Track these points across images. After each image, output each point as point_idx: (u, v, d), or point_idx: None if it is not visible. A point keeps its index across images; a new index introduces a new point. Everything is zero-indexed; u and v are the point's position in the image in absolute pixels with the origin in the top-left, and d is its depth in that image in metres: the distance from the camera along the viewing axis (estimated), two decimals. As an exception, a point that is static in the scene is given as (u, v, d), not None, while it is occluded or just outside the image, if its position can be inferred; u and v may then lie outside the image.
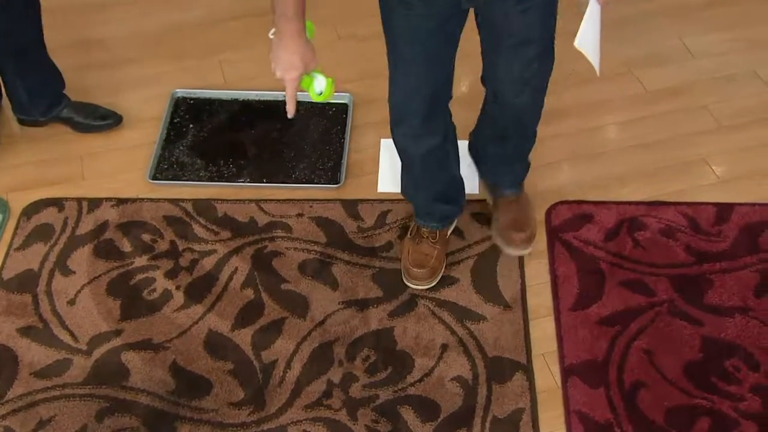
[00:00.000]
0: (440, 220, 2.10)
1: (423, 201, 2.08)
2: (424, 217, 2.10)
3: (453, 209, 2.12)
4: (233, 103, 2.49)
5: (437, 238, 2.09)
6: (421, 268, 2.06)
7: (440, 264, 2.09)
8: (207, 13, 2.79)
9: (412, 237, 2.11)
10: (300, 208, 2.22)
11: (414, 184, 2.06)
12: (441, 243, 2.10)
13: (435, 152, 1.93)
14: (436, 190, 2.04)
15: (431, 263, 2.06)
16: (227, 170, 2.32)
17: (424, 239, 2.09)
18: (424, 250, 2.07)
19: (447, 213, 2.10)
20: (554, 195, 2.25)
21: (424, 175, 2.00)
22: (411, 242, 2.10)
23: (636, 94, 2.53)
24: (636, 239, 2.14)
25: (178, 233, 2.16)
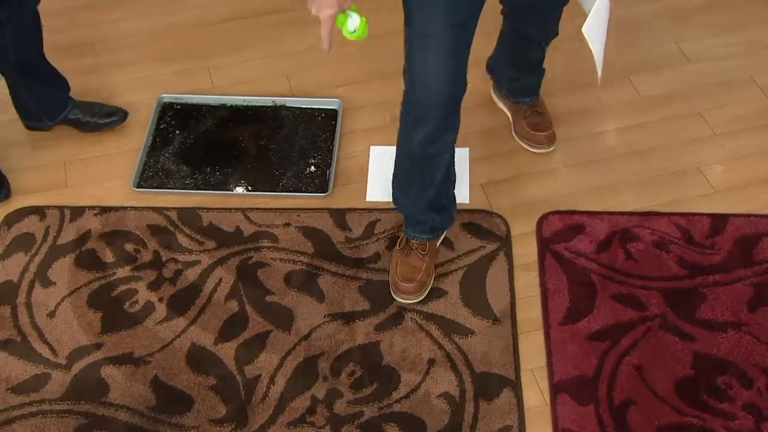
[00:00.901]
0: (430, 231, 2.05)
1: (414, 209, 2.03)
2: (414, 227, 2.05)
3: (444, 219, 2.07)
4: (221, 108, 2.45)
5: (426, 251, 2.05)
6: (409, 282, 2.02)
7: (429, 277, 2.05)
8: (197, 16, 2.74)
9: (401, 248, 2.08)
10: (287, 218, 2.18)
11: (408, 186, 1.99)
12: (430, 255, 2.06)
13: (443, 152, 1.90)
14: (429, 198, 1.99)
15: (419, 277, 2.02)
16: (213, 178, 2.28)
17: (413, 251, 2.05)
18: (413, 263, 2.04)
19: (437, 223, 2.06)
20: (545, 204, 2.21)
21: (424, 176, 1.94)
22: (400, 254, 2.06)
23: (630, 100, 2.48)
24: (628, 251, 2.09)
25: (162, 243, 2.12)
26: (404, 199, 2.04)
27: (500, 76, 2.38)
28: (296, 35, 2.67)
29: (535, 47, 2.24)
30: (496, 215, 2.18)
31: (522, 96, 2.35)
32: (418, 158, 1.91)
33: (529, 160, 2.32)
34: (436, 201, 2.02)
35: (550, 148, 2.33)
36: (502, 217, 2.17)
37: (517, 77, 2.33)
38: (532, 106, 2.35)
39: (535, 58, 2.28)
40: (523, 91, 2.35)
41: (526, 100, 2.35)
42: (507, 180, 2.27)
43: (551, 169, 2.30)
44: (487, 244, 2.12)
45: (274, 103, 2.45)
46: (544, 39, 2.23)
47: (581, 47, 2.58)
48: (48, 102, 2.31)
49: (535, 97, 2.36)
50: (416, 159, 1.92)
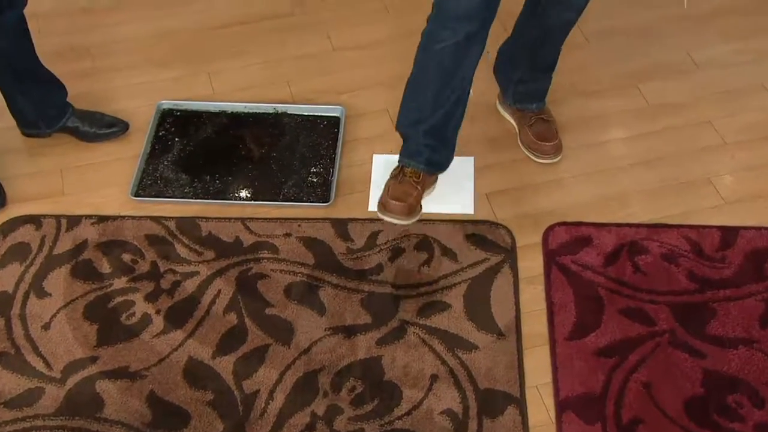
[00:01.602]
0: (426, 164, 2.12)
1: (416, 130, 2.07)
2: (410, 155, 2.11)
3: (441, 156, 2.12)
4: (221, 115, 2.42)
5: (420, 179, 2.12)
6: (399, 201, 2.08)
7: (418, 204, 2.11)
8: (197, 21, 2.71)
9: (394, 177, 2.14)
10: (287, 228, 2.15)
11: (416, 102, 2.03)
12: (422, 186, 2.13)
13: (464, 68, 1.94)
14: (435, 121, 2.03)
15: (409, 200, 2.09)
16: (213, 186, 2.25)
17: (406, 178, 2.12)
18: (405, 188, 2.10)
19: (434, 159, 2.12)
20: (551, 216, 2.18)
21: (439, 93, 1.98)
22: (393, 181, 2.13)
23: (638, 109, 2.44)
24: (636, 264, 2.05)
25: (160, 253, 2.09)
26: (410, 116, 2.08)
27: (508, 77, 2.32)
28: (298, 41, 2.64)
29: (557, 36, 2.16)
30: (501, 226, 2.14)
31: (528, 102, 2.32)
32: (436, 70, 1.95)
33: (535, 169, 2.29)
34: (439, 130, 2.06)
35: (556, 158, 2.29)
36: (507, 229, 2.14)
37: (526, 79, 2.28)
38: (538, 114, 2.32)
39: (553, 54, 2.22)
40: (530, 96, 2.31)
41: (532, 107, 2.32)
42: (512, 190, 2.24)
43: (557, 179, 2.27)
44: (492, 256, 2.08)
45: (275, 109, 2.42)
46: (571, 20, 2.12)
47: (587, 54, 2.60)
48: (45, 107, 2.28)
49: (542, 104, 2.33)
50: (434, 71, 1.95)
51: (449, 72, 1.96)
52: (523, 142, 2.32)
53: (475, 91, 2.43)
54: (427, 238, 2.12)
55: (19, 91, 2.22)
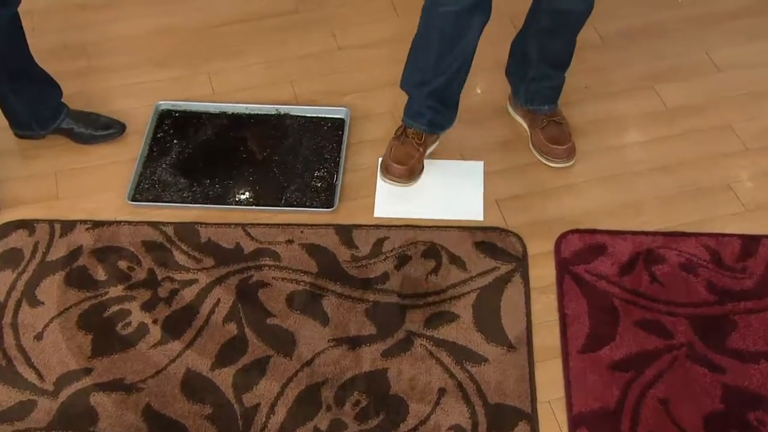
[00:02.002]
0: (429, 125, 2.19)
1: (420, 92, 2.15)
2: (413, 116, 2.19)
3: (444, 117, 2.20)
4: (221, 116, 2.41)
5: (422, 140, 2.21)
6: (401, 165, 2.18)
7: (419, 165, 2.21)
8: (196, 19, 2.71)
9: (397, 137, 2.23)
10: (290, 234, 2.14)
11: (420, 65, 2.10)
12: (424, 146, 2.22)
13: (468, 35, 2.00)
14: (438, 85, 2.10)
15: (411, 163, 2.19)
16: (213, 191, 2.24)
17: (408, 139, 2.20)
18: (408, 150, 2.20)
19: (437, 120, 2.20)
20: (564, 223, 2.16)
21: (441, 59, 2.05)
22: (395, 141, 2.22)
23: (655, 111, 2.43)
24: (653, 274, 2.04)
25: (158, 260, 2.08)
26: (413, 77, 2.14)
27: (520, 75, 2.31)
28: (301, 39, 2.63)
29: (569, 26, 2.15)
30: (512, 233, 2.13)
31: (540, 103, 2.31)
32: (438, 35, 2.01)
33: (548, 174, 2.27)
34: (442, 92, 2.13)
35: (569, 162, 2.28)
36: (518, 236, 2.13)
37: (538, 77, 2.26)
38: (550, 116, 2.31)
39: (565, 48, 2.22)
40: (542, 96, 2.30)
41: (544, 109, 2.31)
42: (524, 196, 2.23)
43: (570, 185, 2.25)
44: (502, 265, 2.07)
45: (277, 111, 2.41)
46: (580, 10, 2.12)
47: (602, 54, 2.59)
48: (38, 108, 2.27)
49: (554, 106, 2.32)
50: (436, 36, 2.01)
51: (451, 39, 2.02)
52: (535, 146, 2.31)
53: (484, 92, 2.48)
54: (435, 246, 2.11)
55: (11, 90, 2.21)
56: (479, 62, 2.39)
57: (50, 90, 2.28)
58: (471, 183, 2.25)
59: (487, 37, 2.05)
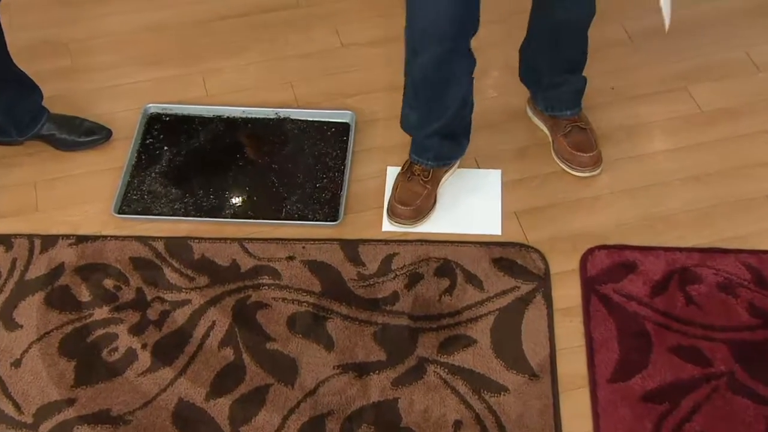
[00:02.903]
0: (435, 159, 2.18)
1: (420, 132, 2.16)
2: (418, 152, 2.18)
3: (452, 149, 2.19)
4: (216, 121, 2.40)
5: (429, 177, 2.19)
6: (405, 206, 2.16)
7: (428, 205, 2.18)
8: (189, 13, 2.71)
9: (403, 173, 2.22)
10: (291, 250, 2.13)
11: (416, 108, 2.11)
12: (433, 183, 2.20)
13: (457, 77, 2.01)
14: (439, 125, 2.11)
15: (417, 202, 2.16)
16: (207, 202, 2.23)
17: (415, 177, 2.19)
18: (413, 188, 2.18)
19: (444, 152, 2.18)
20: (590, 238, 2.15)
21: (435, 104, 2.06)
22: (402, 178, 2.21)
23: (689, 115, 2.41)
24: (689, 295, 2.02)
25: (147, 279, 2.08)
26: (410, 121, 2.16)
27: (535, 82, 2.31)
28: (302, 36, 2.63)
29: (572, 33, 2.15)
30: (533, 250, 2.12)
31: (561, 108, 2.29)
32: (424, 85, 2.03)
33: (571, 185, 2.26)
34: (444, 131, 2.13)
35: (595, 171, 2.26)
36: (540, 252, 2.11)
37: (554, 83, 2.25)
38: (573, 121, 2.29)
39: (575, 52, 2.21)
40: (562, 101, 2.28)
41: (566, 114, 2.29)
42: (545, 208, 2.22)
43: (597, 196, 2.24)
44: (523, 284, 2.06)
45: (277, 114, 2.41)
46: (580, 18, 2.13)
47: (628, 52, 2.57)
48: (16, 112, 2.26)
49: (577, 110, 2.30)
50: (422, 86, 2.04)
51: (438, 86, 2.03)
52: (558, 153, 2.29)
53: (499, 94, 2.47)
54: (449, 263, 2.10)
55: None
56: (491, 63, 2.39)
57: (29, 93, 2.27)
58: (487, 194, 2.24)
59: (495, 37, 2.06)
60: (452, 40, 1.93)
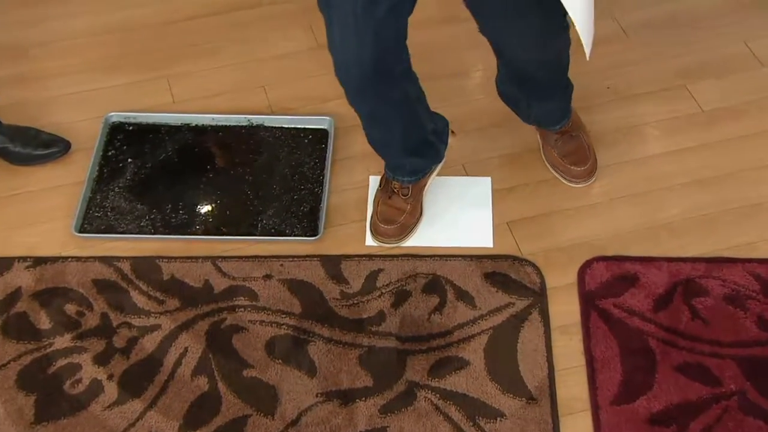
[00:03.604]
0: (412, 174, 2.17)
1: (388, 150, 2.16)
2: (393, 169, 2.18)
3: (426, 160, 2.18)
4: (184, 129, 2.39)
5: (409, 193, 2.18)
6: (389, 224, 2.15)
7: (413, 220, 2.18)
8: (154, 13, 2.70)
9: (382, 189, 2.22)
10: (268, 268, 2.12)
11: (378, 139, 2.12)
12: (415, 197, 2.19)
13: (395, 100, 1.97)
14: (403, 143, 2.10)
15: (401, 219, 2.16)
16: (176, 218, 2.22)
17: (395, 194, 2.19)
18: (396, 204, 2.18)
19: (419, 166, 2.17)
20: (587, 249, 2.15)
21: (387, 128, 2.06)
22: (382, 195, 2.21)
23: (689, 115, 2.41)
24: (694, 308, 2.02)
25: (112, 303, 2.06)
26: (374, 136, 2.12)
27: (516, 105, 2.27)
28: (276, 35, 2.62)
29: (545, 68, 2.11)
30: (527, 263, 2.11)
31: (548, 124, 2.27)
32: (367, 117, 2.03)
33: (566, 192, 2.26)
34: (411, 144, 2.11)
35: (589, 181, 2.26)
36: (535, 265, 2.11)
37: (536, 104, 2.22)
38: (563, 132, 2.27)
39: (553, 84, 2.17)
40: (549, 119, 2.26)
41: (555, 128, 2.27)
42: (539, 217, 2.21)
43: (594, 204, 2.23)
44: (517, 300, 2.05)
45: (249, 122, 2.40)
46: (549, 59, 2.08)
47: (623, 48, 2.57)
48: None
49: (566, 121, 2.27)
50: (366, 117, 2.03)
51: (382, 124, 2.02)
52: (549, 162, 2.30)
53: (487, 96, 2.45)
54: (438, 279, 2.09)
55: None
56: (473, 64, 2.38)
57: None
58: (477, 203, 2.23)
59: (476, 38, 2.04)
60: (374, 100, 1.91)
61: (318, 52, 2.57)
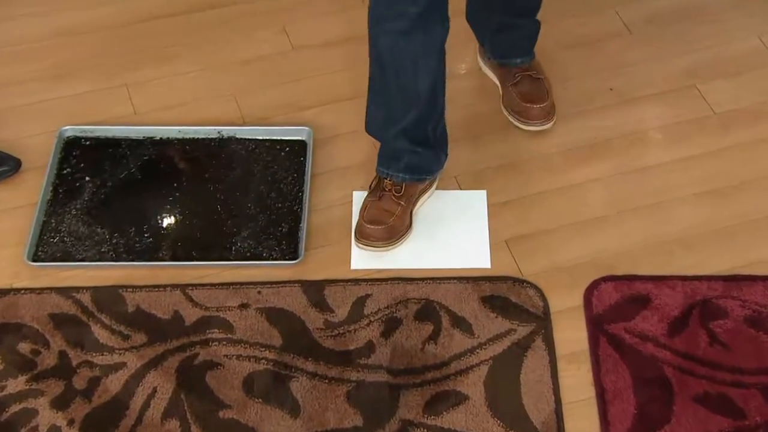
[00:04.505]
0: (407, 171, 2.18)
1: (387, 133, 2.16)
2: (387, 162, 2.19)
3: (426, 159, 2.18)
4: (146, 143, 2.38)
5: (402, 192, 2.19)
6: (376, 225, 2.16)
7: (402, 224, 2.18)
8: (111, 14, 2.68)
9: (372, 192, 2.23)
10: (244, 296, 2.11)
11: (382, 100, 2.12)
12: (406, 199, 2.20)
13: (428, 56, 2.01)
14: (408, 122, 2.10)
15: (391, 221, 2.16)
16: (140, 242, 2.21)
17: (386, 193, 2.19)
18: (385, 206, 2.18)
19: (417, 163, 2.18)
20: (594, 268, 2.15)
21: (403, 90, 2.06)
22: (371, 199, 2.21)
23: (700, 118, 2.42)
24: (713, 332, 2.01)
25: (71, 340, 2.04)
26: (376, 117, 2.15)
27: (482, 24, 2.40)
28: (245, 38, 2.61)
29: None
30: (529, 284, 2.11)
31: (511, 55, 2.40)
32: (390, 59, 2.02)
33: (569, 205, 2.26)
34: (414, 132, 2.12)
35: (546, 124, 2.37)
36: (537, 287, 2.11)
37: (504, 27, 2.34)
38: (524, 70, 2.40)
39: None
40: (512, 47, 2.39)
41: (517, 61, 2.40)
42: (540, 234, 2.21)
43: (599, 218, 2.23)
44: (519, 327, 2.05)
45: (219, 134, 2.39)
46: None
47: (627, 46, 2.57)
48: None
49: (528, 58, 2.41)
50: (388, 60, 2.03)
51: (407, 63, 2.03)
52: (507, 106, 2.41)
53: (479, 101, 2.47)
54: (432, 304, 2.08)
55: None
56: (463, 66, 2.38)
57: None
58: (472, 219, 2.23)
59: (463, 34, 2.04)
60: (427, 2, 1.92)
61: (293, 55, 2.57)
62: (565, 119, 2.41)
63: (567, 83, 2.48)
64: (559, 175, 2.32)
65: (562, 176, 2.32)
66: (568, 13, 2.63)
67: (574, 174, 2.31)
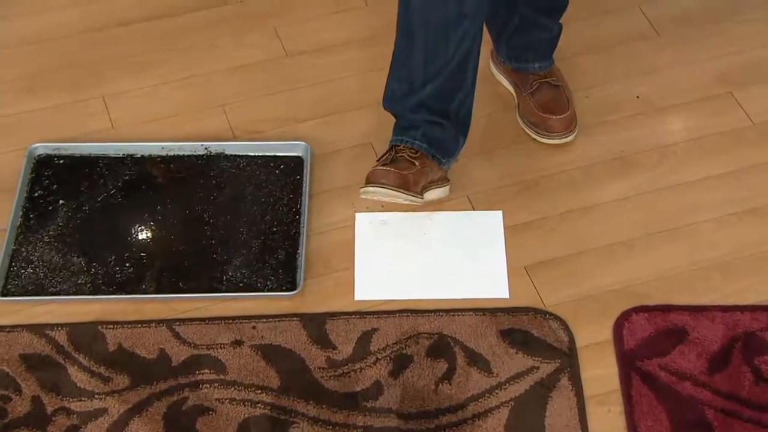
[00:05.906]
0: (424, 139, 2.23)
1: (406, 103, 2.20)
2: (403, 131, 2.24)
3: (444, 135, 2.22)
4: (127, 161, 2.38)
5: (418, 155, 2.22)
6: (390, 168, 2.19)
7: (417, 184, 2.20)
8: (85, 18, 2.69)
9: (380, 160, 2.26)
10: (237, 332, 2.09)
11: (405, 71, 2.16)
12: (424, 164, 2.22)
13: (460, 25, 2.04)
14: (431, 92, 2.15)
15: (406, 172, 2.19)
16: (121, 273, 2.20)
17: (399, 155, 2.23)
18: (399, 165, 2.21)
19: (435, 133, 2.22)
20: (624, 297, 2.14)
21: (431, 60, 2.10)
22: (378, 164, 2.25)
23: (737, 129, 2.42)
24: (758, 369, 2.00)
25: (46, 384, 2.01)
26: (398, 89, 2.19)
27: (501, 25, 2.38)
28: (234, 43, 2.61)
29: None
30: (552, 316, 2.10)
31: (528, 59, 2.41)
32: (419, 27, 2.06)
33: (594, 227, 2.26)
34: (435, 105, 2.18)
35: (567, 137, 2.38)
36: (561, 320, 2.10)
37: (524, 27, 2.34)
38: (543, 76, 2.41)
39: None
40: (530, 51, 2.40)
41: (534, 67, 2.41)
42: (563, 259, 2.21)
43: (628, 241, 2.23)
44: (542, 364, 2.03)
45: (207, 150, 2.38)
46: None
47: (655, 48, 2.57)
48: None
49: (547, 64, 2.42)
50: (417, 28, 2.07)
51: (439, 24, 2.05)
52: (523, 116, 2.42)
53: (494, 111, 2.48)
54: (445, 339, 2.07)
55: None
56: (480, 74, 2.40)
57: None
58: (487, 244, 2.23)
59: None
60: None
61: (287, 62, 2.58)
62: (587, 131, 2.41)
63: (589, 91, 2.49)
64: (583, 193, 2.31)
65: (586, 195, 2.31)
66: (588, 12, 2.62)
67: (599, 192, 2.30)
